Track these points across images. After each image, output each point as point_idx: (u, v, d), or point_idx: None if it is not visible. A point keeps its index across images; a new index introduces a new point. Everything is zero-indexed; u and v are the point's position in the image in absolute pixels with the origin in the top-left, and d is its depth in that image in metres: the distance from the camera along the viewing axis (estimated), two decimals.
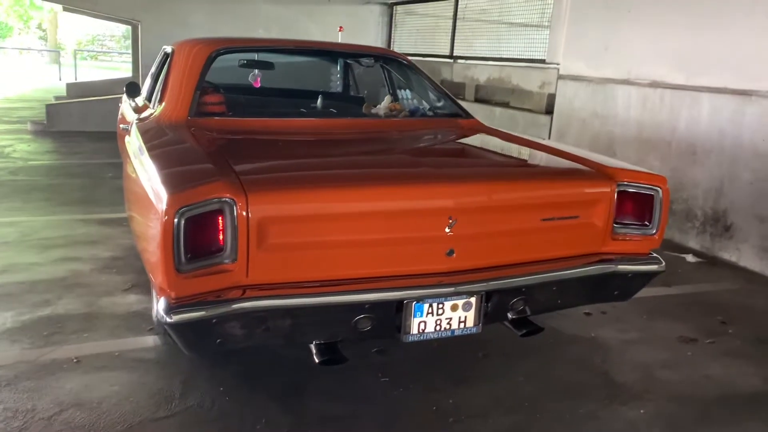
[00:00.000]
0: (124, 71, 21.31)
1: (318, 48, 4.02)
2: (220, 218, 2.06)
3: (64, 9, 13.92)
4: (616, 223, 2.68)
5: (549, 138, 7.01)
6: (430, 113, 3.71)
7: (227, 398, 2.71)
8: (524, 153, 3.12)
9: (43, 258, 4.27)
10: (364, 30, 11.11)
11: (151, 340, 3.19)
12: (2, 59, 33.07)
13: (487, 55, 8.52)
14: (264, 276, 2.16)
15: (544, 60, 7.28)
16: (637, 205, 2.69)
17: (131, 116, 3.84)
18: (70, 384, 2.75)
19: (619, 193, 2.65)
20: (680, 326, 3.72)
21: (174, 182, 2.13)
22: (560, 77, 6.82)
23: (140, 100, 4.17)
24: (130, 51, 17.85)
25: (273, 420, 2.57)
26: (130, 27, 14.26)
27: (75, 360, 2.95)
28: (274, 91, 4.19)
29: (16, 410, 2.55)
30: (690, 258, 5.04)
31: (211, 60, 3.31)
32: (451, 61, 9.28)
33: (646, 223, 2.70)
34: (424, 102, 3.84)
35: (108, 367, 2.92)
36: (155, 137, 2.79)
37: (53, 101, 11.64)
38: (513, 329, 2.64)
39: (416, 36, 10.79)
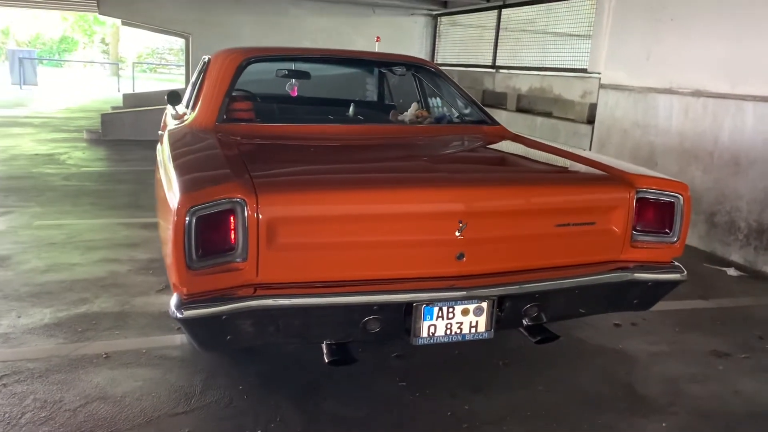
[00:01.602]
0: (180, 83, 21.99)
1: (348, 57, 4.09)
2: (231, 218, 2.12)
3: (123, 23, 14.54)
4: (636, 231, 2.63)
5: (590, 148, 6.91)
6: (457, 120, 3.72)
7: (245, 397, 2.77)
8: (543, 159, 3.09)
9: (84, 259, 4.45)
10: (408, 41, 11.20)
11: (178, 339, 3.28)
12: (67, 72, 34.61)
13: (529, 65, 8.46)
14: (274, 275, 2.20)
15: (586, 69, 7.19)
16: (657, 213, 2.63)
17: (171, 124, 3.97)
18: (97, 378, 2.86)
19: (639, 199, 2.60)
20: (714, 340, 3.61)
21: (188, 183, 2.20)
22: (602, 86, 6.73)
23: (181, 108, 4.32)
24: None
25: (287, 419, 2.61)
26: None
27: (104, 356, 3.07)
28: (307, 100, 4.26)
29: (45, 401, 2.66)
30: (731, 271, 4.88)
31: (241, 68, 3.41)
32: (494, 71, 9.25)
33: (667, 230, 2.64)
34: (451, 109, 3.86)
35: (134, 363, 3.02)
36: (181, 142, 2.89)
37: (110, 111, 12.10)
38: (528, 336, 2.62)
39: (460, 46, 10.80)
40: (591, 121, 6.98)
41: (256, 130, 3.18)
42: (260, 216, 2.13)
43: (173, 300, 2.13)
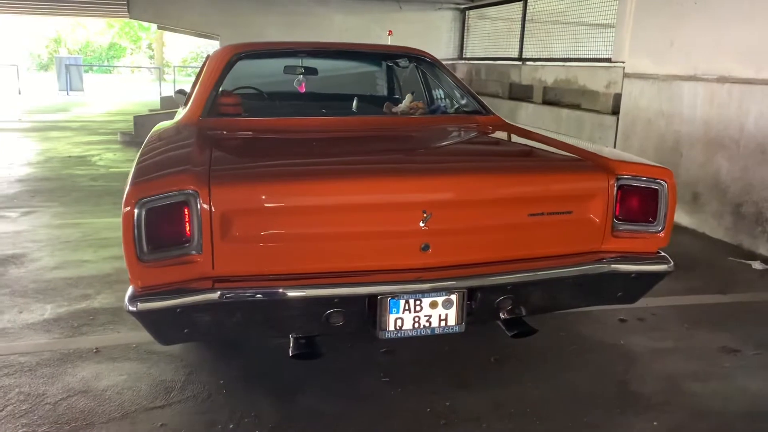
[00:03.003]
0: None
1: (342, 49, 4.03)
2: (186, 210, 2.10)
3: (159, 27, 14.86)
4: (618, 220, 2.50)
5: (615, 140, 6.71)
6: (451, 111, 3.64)
7: (224, 391, 2.76)
8: (526, 147, 2.97)
9: (95, 256, 4.53)
10: (436, 36, 11.13)
11: None
12: (115, 78, 35.64)
13: (555, 56, 8.28)
14: (231, 268, 2.17)
15: (610, 59, 6.98)
16: (640, 201, 2.49)
17: None
18: (83, 372, 2.90)
19: (621, 187, 2.47)
20: (725, 336, 3.43)
21: (140, 175, 2.20)
22: (626, 76, 6.52)
23: None
24: None
25: (262, 414, 2.58)
26: None
27: (95, 350, 3.11)
28: (311, 95, 4.21)
29: (29, 394, 2.71)
30: (757, 265, 4.65)
31: (231, 64, 3.41)
32: (520, 63, 9.08)
33: (651, 219, 2.51)
34: (447, 100, 3.78)
35: (122, 357, 3.05)
36: (158, 137, 2.89)
37: (143, 114, 12.36)
38: (505, 330, 2.52)
39: (488, 40, 10.65)
40: (616, 112, 6.78)
41: (241, 124, 3.17)
42: (213, 208, 2.10)
43: (128, 293, 2.13)
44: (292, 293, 2.15)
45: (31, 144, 10.12)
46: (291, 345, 2.33)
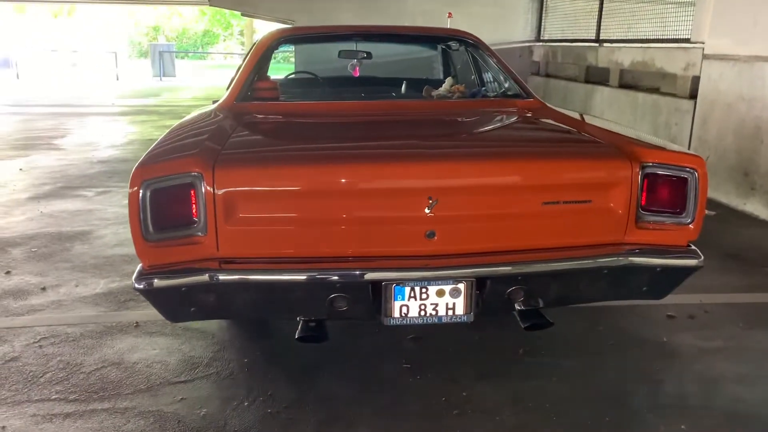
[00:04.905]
0: None
1: (384, 32, 3.98)
2: (192, 192, 2.15)
3: (243, 14, 15.26)
4: (643, 210, 2.34)
5: (692, 125, 6.32)
6: (491, 95, 3.53)
7: (246, 370, 2.82)
8: (553, 132, 2.83)
9: None
10: (512, 18, 10.85)
11: None
12: (209, 64, 36.99)
13: (631, 36, 7.88)
14: (236, 250, 2.20)
15: (689, 39, 6.56)
16: (667, 190, 2.32)
17: None
18: (120, 344, 3.05)
19: (647, 175, 2.32)
20: None
21: (148, 157, 2.27)
22: (705, 57, 6.11)
23: None
24: None
25: (277, 395, 2.62)
26: None
27: (135, 324, 3.25)
28: (361, 80, 4.19)
29: (68, 363, 2.87)
30: None
31: (271, 49, 3.45)
32: (597, 45, 8.70)
33: (679, 211, 2.34)
34: (488, 83, 3.67)
35: (159, 332, 3.17)
36: (188, 121, 2.96)
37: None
38: (519, 321, 2.43)
39: (567, 21, 10.26)
40: (694, 96, 6.37)
41: (273, 108, 3.19)
42: (217, 190, 2.14)
43: (136, 271, 2.21)
44: (288, 277, 2.16)
45: (118, 127, 10.68)
46: (299, 327, 2.35)
